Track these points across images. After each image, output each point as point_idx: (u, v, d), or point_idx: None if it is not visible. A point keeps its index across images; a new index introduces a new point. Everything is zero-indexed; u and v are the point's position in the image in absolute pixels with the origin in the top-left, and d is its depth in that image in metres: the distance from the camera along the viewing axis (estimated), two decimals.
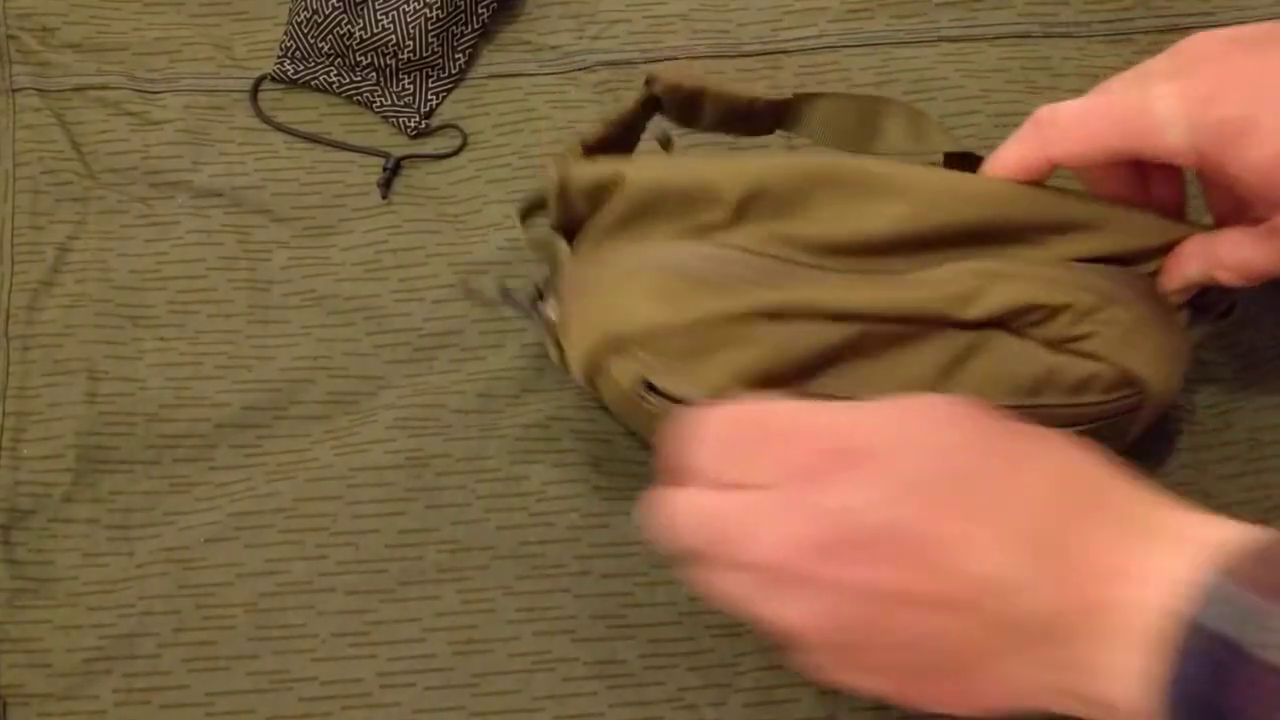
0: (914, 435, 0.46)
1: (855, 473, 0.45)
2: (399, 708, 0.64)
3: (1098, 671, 0.41)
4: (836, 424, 0.47)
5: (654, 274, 0.58)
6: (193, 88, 0.81)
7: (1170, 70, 0.54)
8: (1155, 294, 0.58)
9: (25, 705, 0.64)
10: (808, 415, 0.48)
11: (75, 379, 0.72)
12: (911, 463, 0.44)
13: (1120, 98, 0.54)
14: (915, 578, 0.43)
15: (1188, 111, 0.51)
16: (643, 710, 0.64)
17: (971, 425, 0.46)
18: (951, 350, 0.57)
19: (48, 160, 0.78)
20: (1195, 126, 0.51)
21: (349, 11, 0.79)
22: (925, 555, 0.43)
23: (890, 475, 0.44)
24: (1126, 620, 0.41)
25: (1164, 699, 0.39)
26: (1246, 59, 0.53)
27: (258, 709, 0.64)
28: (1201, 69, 0.53)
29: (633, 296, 0.58)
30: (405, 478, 0.69)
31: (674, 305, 0.57)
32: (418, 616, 0.66)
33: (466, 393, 0.71)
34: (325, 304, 0.74)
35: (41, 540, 0.68)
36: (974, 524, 0.43)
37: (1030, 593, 0.42)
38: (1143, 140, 0.53)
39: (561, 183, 0.61)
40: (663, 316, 0.57)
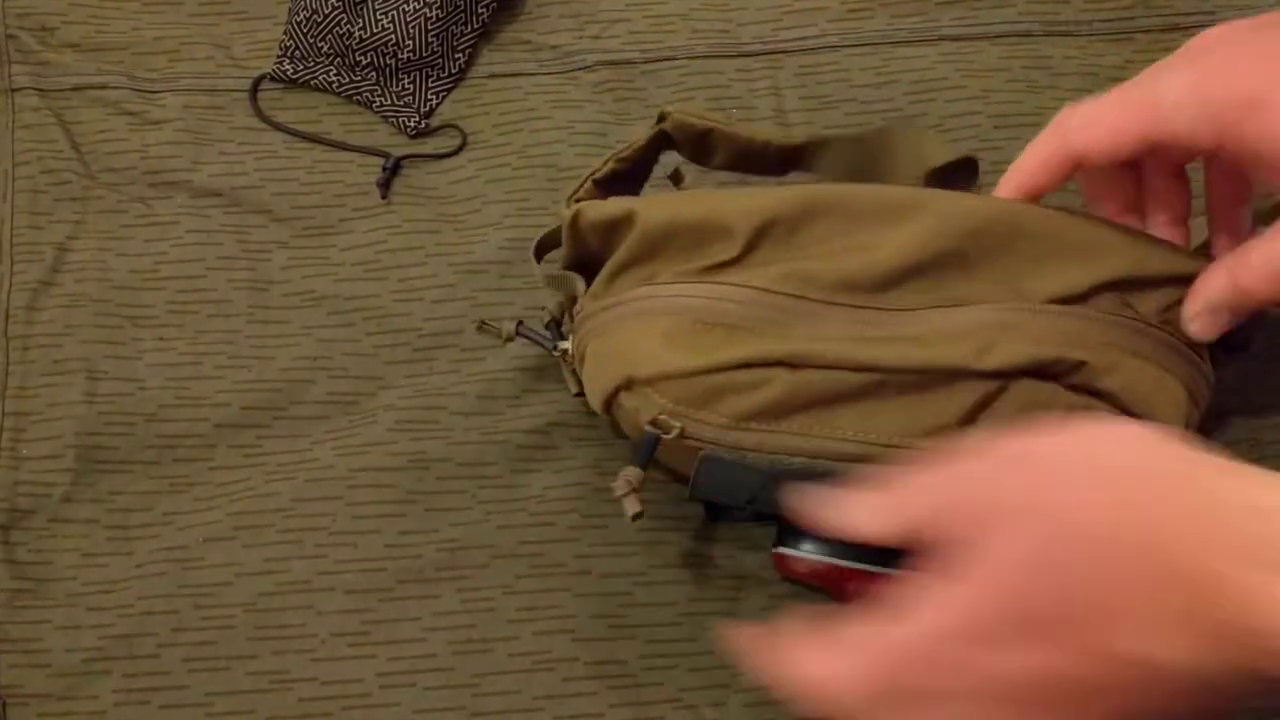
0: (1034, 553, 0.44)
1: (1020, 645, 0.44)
2: (398, 708, 0.64)
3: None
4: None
5: (669, 319, 0.58)
6: (192, 87, 0.81)
7: (1180, 62, 0.55)
8: (1174, 341, 0.58)
9: (24, 705, 0.64)
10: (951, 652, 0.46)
11: (74, 379, 0.72)
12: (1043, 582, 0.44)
13: (1134, 89, 0.56)
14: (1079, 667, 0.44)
15: (1197, 93, 0.52)
16: (642, 710, 0.64)
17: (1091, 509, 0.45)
18: (976, 394, 0.56)
19: (47, 160, 0.78)
20: (1205, 104, 0.52)
21: (348, 11, 0.79)
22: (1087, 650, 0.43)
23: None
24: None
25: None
26: (1252, 41, 0.54)
27: (257, 709, 0.64)
28: (1209, 55, 0.54)
29: (649, 340, 0.58)
30: (405, 480, 0.69)
31: (689, 351, 0.57)
32: (417, 616, 0.66)
33: (467, 394, 0.71)
34: (325, 304, 0.74)
35: (41, 540, 0.68)
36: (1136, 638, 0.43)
37: (1194, 672, 0.42)
38: (1157, 126, 0.54)
39: (574, 221, 0.61)
40: (678, 363, 0.57)
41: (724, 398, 0.57)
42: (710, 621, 0.66)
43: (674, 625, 0.66)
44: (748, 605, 0.66)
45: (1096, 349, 0.56)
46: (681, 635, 0.65)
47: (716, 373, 0.56)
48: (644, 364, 0.57)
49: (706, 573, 0.67)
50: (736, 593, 0.66)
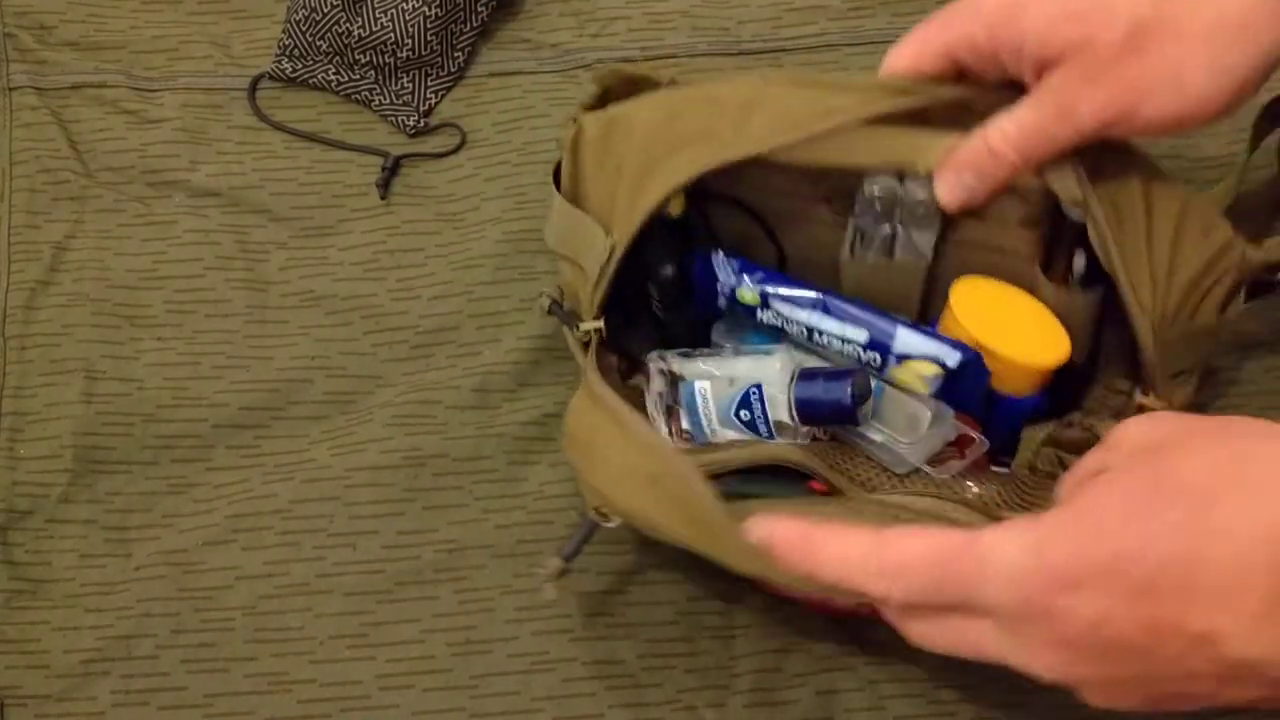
0: (1120, 534, 0.44)
1: (1074, 595, 0.44)
2: (398, 709, 0.64)
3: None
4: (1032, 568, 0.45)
5: (641, 483, 0.56)
6: (190, 86, 0.81)
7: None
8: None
9: (23, 706, 0.64)
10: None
11: (72, 379, 0.72)
12: (1134, 566, 0.44)
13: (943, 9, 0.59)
14: (1176, 677, 0.44)
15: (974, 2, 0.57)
16: (642, 711, 0.64)
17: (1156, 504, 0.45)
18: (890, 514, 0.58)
19: (45, 159, 0.78)
20: (979, 8, 0.57)
21: (347, 10, 0.79)
22: (1180, 661, 0.44)
23: (1117, 589, 0.44)
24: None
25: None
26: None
27: (256, 710, 0.64)
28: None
29: (623, 491, 0.57)
30: (403, 478, 0.69)
31: (656, 512, 0.56)
32: (416, 618, 0.66)
33: (462, 387, 0.71)
34: (323, 304, 0.74)
35: (39, 541, 0.68)
36: (1211, 616, 0.43)
37: (1263, 663, 0.43)
38: (949, 31, 0.57)
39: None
40: (647, 516, 0.56)
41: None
42: (709, 621, 0.65)
43: (673, 625, 0.65)
44: (746, 605, 0.66)
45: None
46: (680, 635, 0.65)
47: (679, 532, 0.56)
48: (620, 504, 0.57)
49: (705, 573, 0.67)
50: (735, 593, 0.66)
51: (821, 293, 0.62)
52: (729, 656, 0.65)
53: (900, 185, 0.62)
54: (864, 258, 0.64)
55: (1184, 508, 0.43)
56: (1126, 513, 0.44)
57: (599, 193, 0.62)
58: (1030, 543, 0.45)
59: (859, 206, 0.63)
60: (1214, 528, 0.42)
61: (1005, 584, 0.45)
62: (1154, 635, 0.43)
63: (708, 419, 0.62)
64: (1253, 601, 0.42)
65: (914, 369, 0.60)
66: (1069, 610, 0.44)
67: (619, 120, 0.62)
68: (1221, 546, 0.42)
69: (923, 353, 0.60)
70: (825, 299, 0.62)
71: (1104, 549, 0.44)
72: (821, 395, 0.58)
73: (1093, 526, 0.44)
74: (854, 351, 0.61)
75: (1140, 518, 0.44)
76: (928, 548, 0.47)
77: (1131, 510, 0.44)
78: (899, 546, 0.48)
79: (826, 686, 0.64)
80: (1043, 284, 0.61)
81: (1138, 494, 0.44)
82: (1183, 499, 0.43)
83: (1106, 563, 0.43)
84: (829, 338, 0.62)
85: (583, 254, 0.61)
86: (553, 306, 0.65)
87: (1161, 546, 0.43)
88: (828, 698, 0.64)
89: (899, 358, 0.60)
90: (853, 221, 0.63)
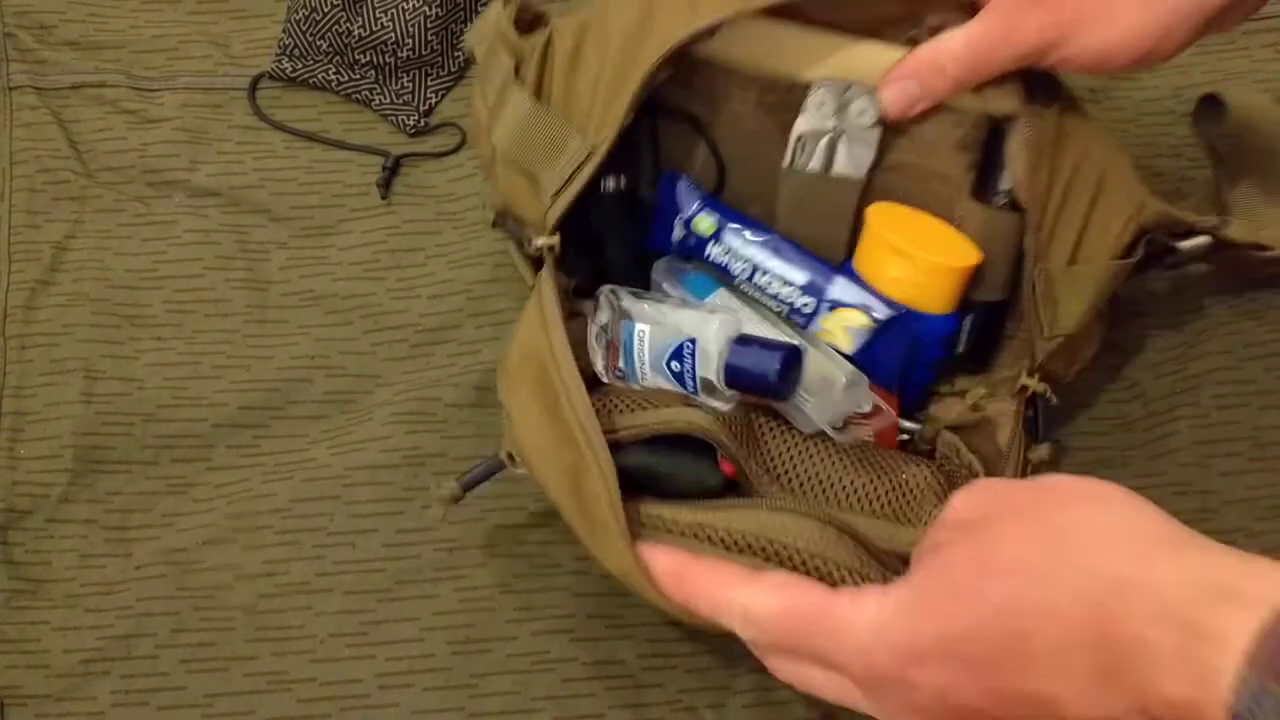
0: (947, 606, 0.46)
1: (919, 670, 0.47)
2: (397, 708, 0.64)
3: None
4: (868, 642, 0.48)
5: (557, 463, 0.57)
6: (190, 85, 0.81)
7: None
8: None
9: (23, 706, 0.64)
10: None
11: (72, 379, 0.72)
12: (968, 644, 0.46)
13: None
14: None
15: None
16: (641, 711, 0.64)
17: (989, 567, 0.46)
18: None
19: (45, 159, 0.78)
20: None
21: (348, 9, 0.79)
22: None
23: (956, 664, 0.46)
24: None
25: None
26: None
27: (256, 710, 0.64)
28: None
29: (538, 459, 0.58)
30: (402, 476, 0.69)
31: (561, 494, 0.57)
32: (416, 616, 0.66)
33: (462, 385, 0.71)
34: (323, 303, 0.74)
35: (39, 541, 0.68)
36: (1047, 682, 0.44)
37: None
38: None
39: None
40: (551, 492, 0.58)
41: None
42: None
43: (672, 625, 0.65)
44: None
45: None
46: (680, 635, 0.65)
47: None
48: (523, 431, 0.59)
49: None
50: None
51: (771, 234, 0.64)
52: (729, 656, 0.64)
53: (845, 91, 0.63)
54: (803, 168, 0.64)
55: (1004, 588, 0.45)
56: (953, 595, 0.46)
57: (569, 99, 0.62)
58: (876, 621, 0.48)
59: (803, 114, 0.64)
60: (1035, 606, 0.44)
61: (855, 655, 0.48)
62: (997, 701, 0.45)
63: (641, 362, 0.62)
64: (1084, 674, 0.43)
65: (843, 318, 0.62)
66: (916, 681, 0.47)
67: (592, 27, 0.62)
68: (1045, 624, 0.44)
69: (854, 301, 0.62)
70: (774, 239, 0.64)
71: (937, 629, 0.46)
72: (751, 365, 0.59)
73: (926, 608, 0.47)
74: (791, 294, 0.63)
75: (966, 599, 0.46)
76: (788, 607, 0.51)
77: (958, 592, 0.46)
78: (763, 600, 0.51)
79: None
80: (970, 209, 0.63)
81: (962, 576, 0.46)
82: (1002, 580, 0.45)
83: (941, 642, 0.46)
84: (770, 278, 0.64)
85: (543, 162, 0.61)
86: (498, 219, 0.65)
87: (991, 626, 0.45)
88: None
89: (832, 304, 0.62)
90: (795, 130, 0.64)
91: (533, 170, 0.62)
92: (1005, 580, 0.45)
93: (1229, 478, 0.67)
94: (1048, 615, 0.44)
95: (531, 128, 0.62)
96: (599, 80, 0.61)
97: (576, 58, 0.62)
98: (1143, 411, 0.70)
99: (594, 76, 0.61)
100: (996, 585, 0.45)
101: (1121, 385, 0.71)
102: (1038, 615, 0.44)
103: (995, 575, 0.45)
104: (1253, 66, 0.78)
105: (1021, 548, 0.46)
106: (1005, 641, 0.44)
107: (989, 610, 0.45)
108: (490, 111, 0.64)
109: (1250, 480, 0.67)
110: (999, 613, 0.45)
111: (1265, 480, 0.67)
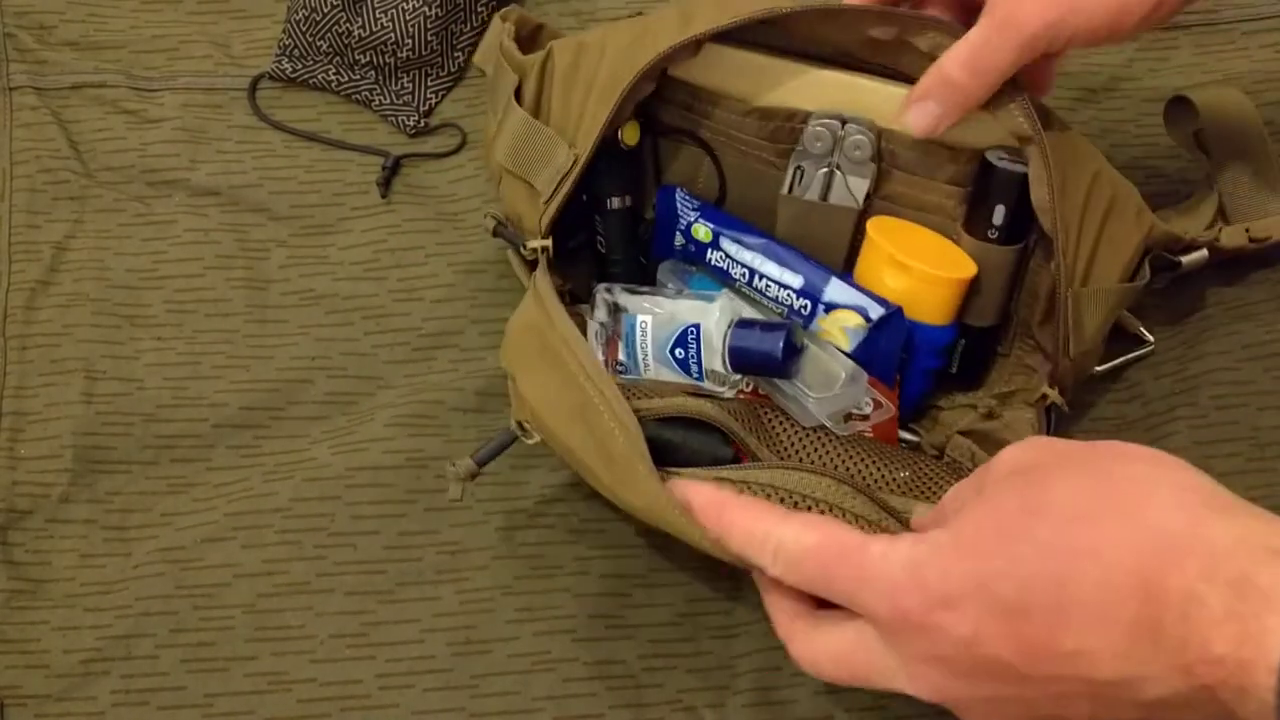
0: (990, 554, 0.45)
1: (949, 614, 0.45)
2: (397, 709, 0.64)
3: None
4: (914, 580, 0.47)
5: (569, 410, 0.58)
6: (190, 86, 0.81)
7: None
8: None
9: (23, 706, 0.64)
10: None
11: (73, 379, 0.72)
12: (1004, 584, 0.45)
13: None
14: (1050, 697, 0.45)
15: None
16: (642, 712, 0.64)
17: (1031, 519, 0.45)
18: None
19: (45, 159, 0.78)
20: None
21: (348, 10, 0.79)
22: (1053, 682, 0.44)
23: (989, 608, 0.45)
24: (1244, 693, 0.41)
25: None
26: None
27: (256, 710, 0.64)
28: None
29: (550, 411, 0.59)
30: (405, 479, 0.69)
31: (577, 442, 0.58)
32: (416, 618, 0.66)
33: (465, 390, 0.71)
34: (323, 303, 0.74)
35: (39, 541, 0.68)
36: (1082, 635, 0.43)
37: (1154, 682, 0.43)
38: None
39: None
40: (568, 443, 0.59)
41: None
42: (709, 622, 0.65)
43: (673, 625, 0.65)
44: (746, 605, 0.66)
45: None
46: (681, 636, 0.65)
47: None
48: (528, 388, 0.60)
49: (705, 574, 0.67)
50: (735, 593, 0.66)
51: (767, 239, 0.66)
52: (729, 656, 0.65)
53: (841, 128, 0.65)
54: (801, 196, 0.67)
55: (1051, 528, 0.44)
56: (998, 533, 0.45)
57: (564, 113, 0.64)
58: (911, 559, 0.46)
59: (801, 145, 0.66)
60: (1081, 548, 0.43)
61: (883, 596, 0.47)
62: (1026, 654, 0.44)
63: (644, 353, 0.63)
64: (1121, 624, 0.42)
65: (839, 319, 0.63)
66: (943, 627, 0.45)
67: (589, 46, 0.64)
68: (1090, 568, 0.43)
69: (849, 302, 0.63)
70: (770, 244, 0.66)
71: (976, 568, 0.45)
72: (755, 345, 0.60)
73: (966, 546, 0.46)
74: (788, 297, 0.65)
75: (1010, 538, 0.45)
76: (821, 543, 0.49)
77: (1002, 530, 0.45)
78: (796, 534, 0.50)
79: (826, 686, 0.64)
80: (963, 240, 0.65)
81: (1008, 515, 0.45)
82: (1050, 519, 0.44)
83: (978, 581, 0.45)
84: (768, 281, 0.65)
85: (537, 170, 0.64)
86: (498, 228, 0.67)
87: (1030, 566, 0.44)
88: (828, 697, 0.64)
89: (827, 306, 0.64)
90: (794, 159, 0.67)
91: (528, 178, 0.64)
92: (1050, 520, 0.44)
93: (1228, 478, 0.66)
94: (1092, 560, 0.43)
95: (526, 140, 0.64)
96: (590, 93, 0.63)
97: (573, 74, 0.64)
98: (1142, 412, 0.70)
99: (585, 90, 0.63)
100: (1041, 524, 0.44)
101: (1121, 385, 0.71)
102: (1081, 558, 0.43)
103: (1041, 514, 0.44)
104: (1253, 67, 0.78)
105: (1072, 492, 0.45)
106: (1044, 585, 0.43)
107: (1031, 549, 0.44)
108: (497, 126, 0.67)
109: (1249, 480, 0.67)
110: (1041, 552, 0.44)
111: (1264, 480, 0.67)
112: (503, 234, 0.66)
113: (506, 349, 0.63)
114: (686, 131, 0.69)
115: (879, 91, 0.64)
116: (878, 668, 0.48)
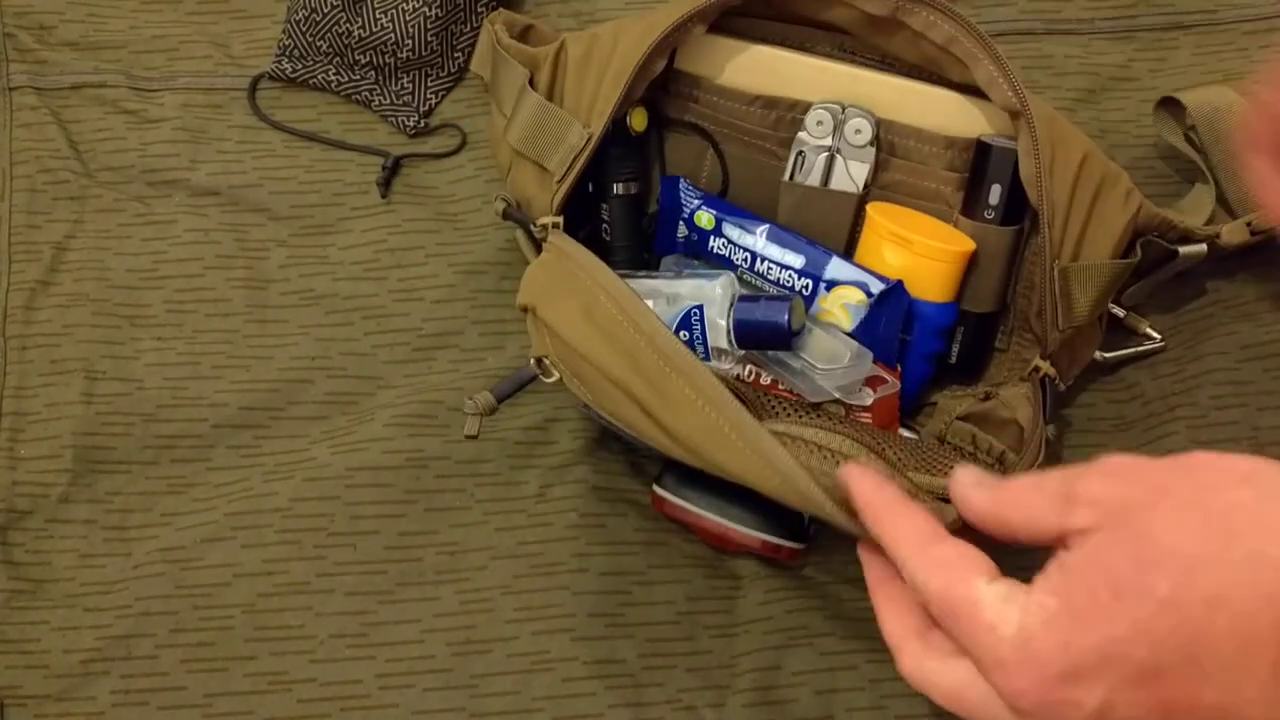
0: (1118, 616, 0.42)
1: (1075, 689, 0.43)
2: (397, 709, 0.64)
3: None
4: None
5: (594, 324, 0.58)
6: (190, 86, 0.81)
7: None
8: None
9: (22, 706, 0.64)
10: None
11: (72, 379, 0.72)
12: (1133, 649, 0.42)
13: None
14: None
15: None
16: (641, 711, 0.64)
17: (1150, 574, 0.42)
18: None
19: (45, 159, 0.78)
20: None
21: (347, 10, 0.79)
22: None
23: (1118, 677, 0.42)
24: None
25: None
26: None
27: (256, 710, 0.64)
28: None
29: (573, 328, 0.59)
30: (404, 479, 0.69)
31: (606, 356, 0.58)
32: (416, 618, 0.66)
33: (465, 390, 0.71)
34: (323, 303, 0.74)
35: (39, 541, 0.68)
36: (1223, 689, 0.41)
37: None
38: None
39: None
40: (596, 356, 0.58)
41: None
42: (709, 621, 0.65)
43: (673, 624, 0.65)
44: (746, 604, 0.66)
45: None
46: (680, 635, 0.65)
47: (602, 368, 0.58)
48: (552, 314, 0.59)
49: (705, 572, 0.67)
50: (735, 592, 0.66)
51: (768, 224, 0.68)
52: (729, 655, 0.65)
53: (842, 112, 0.67)
54: (802, 182, 0.68)
55: (1171, 581, 0.41)
56: (1114, 594, 0.42)
57: (577, 95, 0.66)
58: (1022, 634, 0.43)
59: (803, 132, 0.68)
60: (1207, 598, 0.41)
61: (998, 672, 0.44)
62: (1166, 716, 0.42)
63: None
64: (1264, 667, 0.40)
65: (841, 295, 0.65)
66: (1070, 702, 0.42)
67: (602, 36, 0.66)
68: (1220, 619, 0.40)
69: (850, 278, 0.65)
70: (772, 228, 0.67)
71: (1099, 637, 0.42)
72: (760, 317, 0.61)
73: (1081, 614, 0.43)
74: (790, 278, 0.66)
75: (1129, 598, 0.42)
76: (943, 593, 0.46)
77: (1118, 591, 0.42)
78: (925, 577, 0.47)
79: (827, 685, 0.64)
80: (960, 224, 0.67)
81: (1120, 573, 0.42)
82: (1168, 572, 0.41)
83: (1103, 652, 0.42)
84: (770, 264, 0.67)
85: (551, 151, 0.65)
86: (508, 209, 0.68)
87: (1157, 626, 0.41)
88: (828, 697, 0.64)
89: (829, 284, 0.65)
90: (795, 146, 0.69)
91: (541, 160, 0.65)
92: (1168, 573, 0.41)
93: None
94: (1221, 609, 0.40)
95: (541, 123, 0.66)
96: (604, 76, 0.65)
97: (586, 62, 0.66)
98: (1141, 412, 0.70)
99: (599, 74, 0.65)
100: (1159, 579, 0.41)
101: (1120, 386, 0.71)
102: (1209, 609, 0.40)
103: (1155, 567, 0.41)
104: (1253, 67, 0.78)
105: (1180, 536, 0.42)
106: (1175, 643, 0.41)
107: (1153, 607, 0.41)
108: (509, 117, 0.68)
109: None
110: (1165, 608, 0.41)
111: None
112: (513, 215, 0.67)
113: (526, 286, 0.63)
114: (690, 123, 0.70)
115: (880, 83, 0.66)
116: (993, 713, 0.45)
